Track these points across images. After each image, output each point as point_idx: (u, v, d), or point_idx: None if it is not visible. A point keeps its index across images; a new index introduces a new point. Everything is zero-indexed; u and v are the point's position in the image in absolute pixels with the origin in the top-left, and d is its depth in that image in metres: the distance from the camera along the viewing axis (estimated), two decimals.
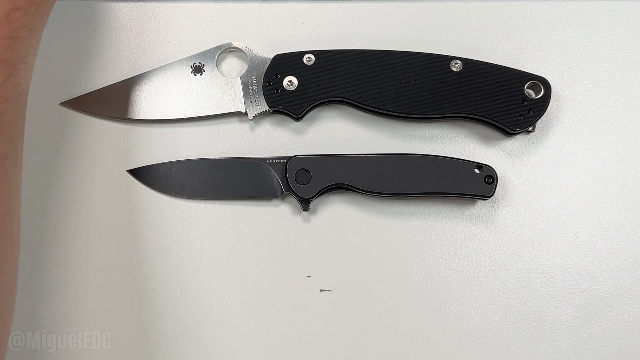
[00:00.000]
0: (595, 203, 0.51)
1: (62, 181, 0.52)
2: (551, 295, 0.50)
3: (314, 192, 0.49)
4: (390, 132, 0.53)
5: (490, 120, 0.50)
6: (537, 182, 0.52)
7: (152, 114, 0.52)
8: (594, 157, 0.52)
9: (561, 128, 0.53)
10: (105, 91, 0.53)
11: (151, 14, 0.55)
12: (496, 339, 0.49)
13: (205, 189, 0.51)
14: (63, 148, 0.52)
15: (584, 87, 0.53)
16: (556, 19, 0.55)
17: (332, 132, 0.53)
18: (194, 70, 0.52)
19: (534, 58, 0.54)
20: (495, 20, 0.55)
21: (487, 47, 0.54)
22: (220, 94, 0.52)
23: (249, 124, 0.53)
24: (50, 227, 0.51)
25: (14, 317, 0.49)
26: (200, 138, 0.53)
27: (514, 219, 0.51)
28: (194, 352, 0.49)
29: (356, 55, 0.51)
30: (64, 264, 0.50)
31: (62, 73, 0.54)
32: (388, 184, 0.49)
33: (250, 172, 0.51)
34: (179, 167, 0.51)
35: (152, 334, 0.50)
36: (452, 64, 0.50)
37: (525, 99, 0.50)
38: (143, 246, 0.51)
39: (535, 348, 0.49)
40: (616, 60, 0.54)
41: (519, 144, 0.52)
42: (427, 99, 0.50)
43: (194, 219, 0.51)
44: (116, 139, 0.53)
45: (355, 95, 0.51)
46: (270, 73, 0.51)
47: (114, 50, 0.54)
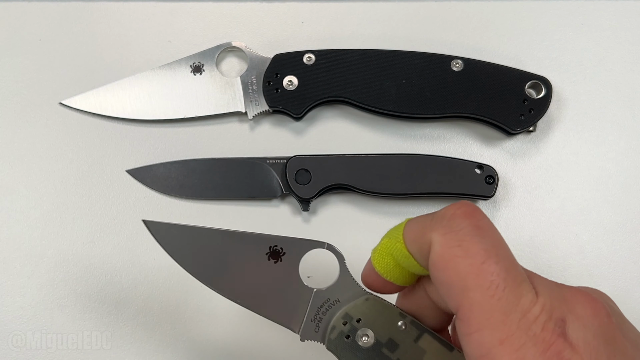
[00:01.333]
0: (597, 203, 0.51)
1: (62, 181, 0.52)
2: None
3: (314, 192, 0.49)
4: (391, 132, 0.53)
5: (491, 120, 0.50)
6: (538, 182, 0.52)
7: (152, 114, 0.52)
8: (595, 157, 0.52)
9: (562, 128, 0.52)
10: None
11: (151, 14, 0.55)
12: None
13: (205, 189, 0.51)
14: (63, 148, 0.52)
15: (585, 87, 0.53)
16: (557, 18, 0.55)
17: (332, 132, 0.53)
18: (194, 70, 0.52)
19: (535, 58, 0.53)
20: (496, 19, 0.55)
21: (488, 46, 0.54)
22: (220, 94, 0.52)
23: (248, 123, 0.53)
24: (50, 227, 0.51)
25: (13, 317, 0.49)
26: (200, 138, 0.53)
27: (515, 219, 0.51)
28: (194, 352, 0.49)
29: (356, 55, 0.51)
30: (64, 263, 0.50)
31: (62, 73, 0.54)
32: (388, 184, 0.49)
33: (250, 172, 0.51)
34: (178, 167, 0.51)
35: (152, 334, 0.49)
36: (452, 63, 0.50)
37: (526, 99, 0.50)
38: (143, 246, 0.51)
39: None
40: (618, 60, 0.54)
41: (520, 144, 0.52)
42: (428, 99, 0.50)
43: (194, 219, 0.51)
44: (116, 139, 0.53)
45: (355, 95, 0.51)
46: (270, 73, 0.51)
47: (113, 50, 0.54)
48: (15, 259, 0.50)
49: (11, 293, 0.50)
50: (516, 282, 0.28)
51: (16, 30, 0.54)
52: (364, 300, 0.38)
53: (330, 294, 0.39)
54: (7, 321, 0.49)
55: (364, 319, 0.38)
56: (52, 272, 0.50)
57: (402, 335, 0.37)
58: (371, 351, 0.37)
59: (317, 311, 0.39)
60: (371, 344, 0.37)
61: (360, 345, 0.37)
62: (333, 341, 0.38)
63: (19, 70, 0.54)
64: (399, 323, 0.37)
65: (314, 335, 0.39)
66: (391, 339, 0.37)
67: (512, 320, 0.26)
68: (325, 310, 0.39)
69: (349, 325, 0.38)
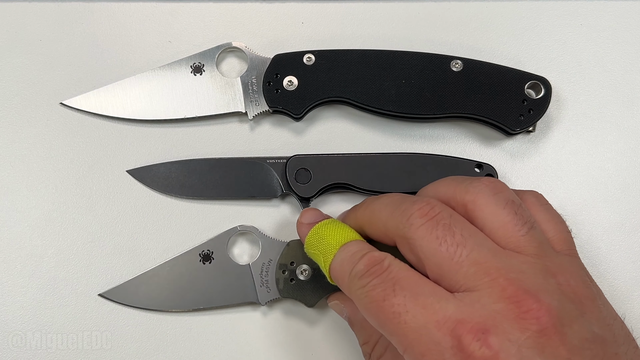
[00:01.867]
0: (596, 203, 0.51)
1: (62, 181, 0.52)
2: None
3: (314, 191, 0.49)
4: (391, 132, 0.53)
5: (491, 120, 0.50)
6: (537, 182, 0.52)
7: (152, 114, 0.52)
8: (594, 157, 0.52)
9: (561, 128, 0.53)
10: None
11: (151, 14, 0.55)
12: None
13: (205, 189, 0.51)
14: (63, 148, 0.52)
15: (584, 87, 0.53)
16: (557, 18, 0.55)
17: (332, 132, 0.53)
18: (194, 70, 0.52)
19: (535, 58, 0.54)
20: (495, 20, 0.55)
21: (488, 47, 0.54)
22: (220, 94, 0.52)
23: (248, 124, 0.53)
24: (50, 227, 0.51)
25: (14, 316, 0.49)
26: (200, 138, 0.53)
27: None
28: (194, 352, 0.49)
29: (356, 55, 0.51)
30: (64, 263, 0.50)
31: (62, 73, 0.54)
32: (388, 183, 0.49)
33: (250, 172, 0.51)
34: (179, 167, 0.51)
35: (152, 334, 0.49)
36: (452, 63, 0.50)
37: (526, 99, 0.50)
38: (143, 246, 0.51)
39: None
40: (617, 60, 0.54)
41: (520, 144, 0.52)
42: (428, 99, 0.50)
43: (194, 219, 0.51)
44: (116, 139, 0.53)
45: (355, 95, 0.51)
46: (270, 73, 0.51)
47: (114, 50, 0.54)
48: (15, 258, 0.50)
49: (12, 292, 0.50)
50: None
51: (17, 30, 0.54)
52: (287, 246, 0.48)
53: (262, 259, 0.48)
54: (7, 321, 0.50)
55: (295, 259, 0.47)
56: (53, 271, 0.50)
57: None
58: (314, 279, 0.46)
59: (260, 277, 0.48)
60: (311, 274, 0.46)
61: (304, 280, 0.46)
62: (283, 290, 0.47)
63: (20, 71, 0.54)
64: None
65: (269, 295, 0.47)
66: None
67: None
68: (265, 272, 0.47)
69: (287, 271, 0.47)
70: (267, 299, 0.48)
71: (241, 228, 0.49)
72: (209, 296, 0.48)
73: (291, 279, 0.47)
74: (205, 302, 0.48)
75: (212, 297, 0.48)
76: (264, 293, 0.47)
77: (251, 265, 0.48)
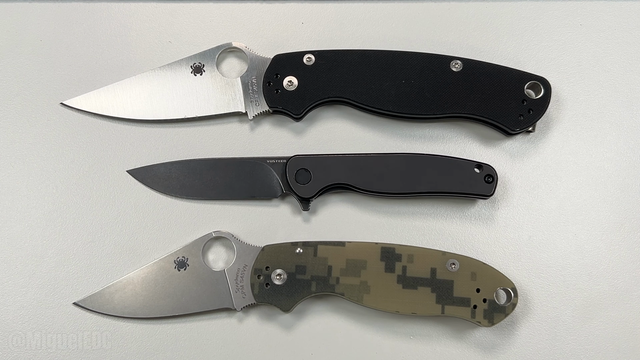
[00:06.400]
0: (595, 203, 0.51)
1: (62, 181, 0.52)
2: (551, 295, 0.50)
3: (314, 191, 0.49)
4: (391, 132, 0.53)
5: (490, 120, 0.50)
6: (537, 182, 0.52)
7: (152, 114, 0.52)
8: (594, 157, 0.52)
9: (561, 128, 0.53)
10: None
11: (151, 14, 0.55)
12: (496, 338, 0.49)
13: (205, 189, 0.51)
14: (63, 148, 0.52)
15: (584, 87, 0.53)
16: (556, 19, 0.55)
17: (332, 132, 0.53)
18: (194, 71, 0.52)
19: (534, 58, 0.54)
20: (495, 20, 0.55)
21: (487, 47, 0.54)
22: (220, 94, 0.52)
23: (249, 124, 0.53)
24: (51, 227, 0.51)
25: (14, 316, 0.49)
26: (200, 138, 0.53)
27: (514, 219, 0.51)
28: (194, 352, 0.49)
29: (356, 55, 0.51)
30: (64, 263, 0.50)
31: (62, 73, 0.54)
32: (388, 183, 0.49)
33: (250, 172, 0.51)
34: (179, 167, 0.51)
35: (152, 334, 0.49)
36: (452, 64, 0.50)
37: (525, 99, 0.50)
38: (143, 246, 0.51)
39: (535, 348, 0.49)
40: (616, 60, 0.54)
41: (519, 144, 0.52)
42: (427, 99, 0.50)
43: (194, 219, 0.51)
44: (116, 139, 0.53)
45: (355, 95, 0.51)
46: (270, 73, 0.51)
47: (114, 51, 0.54)
48: (16, 258, 0.50)
49: (12, 292, 0.50)
50: None
51: (17, 31, 0.55)
52: (261, 251, 0.48)
53: (238, 265, 0.48)
54: (7, 321, 0.50)
55: (270, 264, 0.48)
56: (53, 271, 0.50)
57: (303, 257, 0.47)
58: (289, 283, 0.47)
59: (235, 283, 0.48)
60: (286, 278, 0.47)
61: (279, 285, 0.47)
62: (259, 295, 0.48)
63: (21, 71, 0.54)
64: (296, 251, 0.48)
65: (244, 301, 0.48)
66: (297, 265, 0.47)
67: None
68: (241, 278, 0.48)
69: (262, 276, 0.48)
70: (242, 305, 0.48)
71: (216, 234, 0.49)
72: (184, 303, 0.48)
73: (266, 284, 0.47)
74: (181, 309, 0.48)
75: (187, 303, 0.48)
76: (239, 299, 0.47)
77: (226, 271, 0.48)
